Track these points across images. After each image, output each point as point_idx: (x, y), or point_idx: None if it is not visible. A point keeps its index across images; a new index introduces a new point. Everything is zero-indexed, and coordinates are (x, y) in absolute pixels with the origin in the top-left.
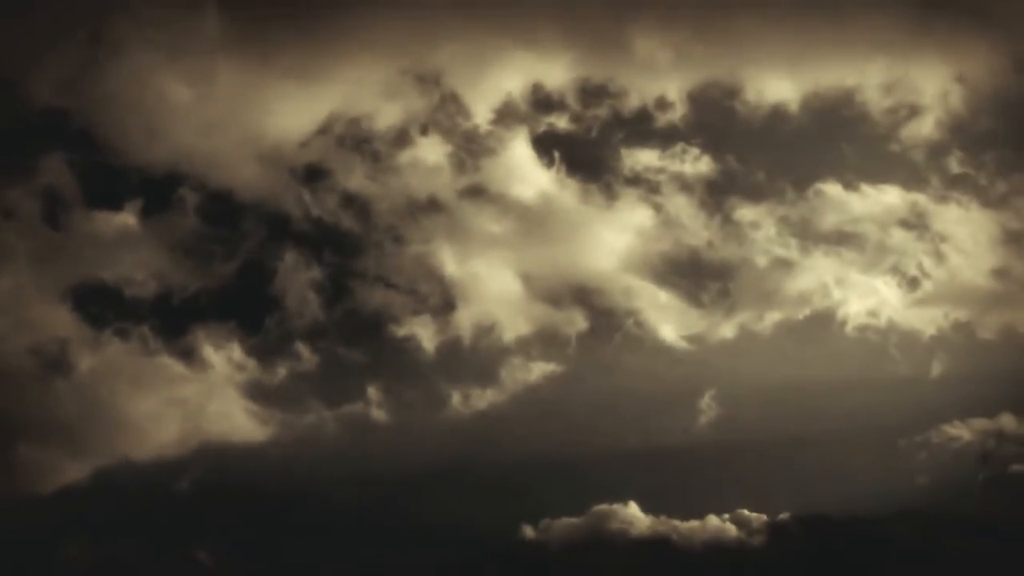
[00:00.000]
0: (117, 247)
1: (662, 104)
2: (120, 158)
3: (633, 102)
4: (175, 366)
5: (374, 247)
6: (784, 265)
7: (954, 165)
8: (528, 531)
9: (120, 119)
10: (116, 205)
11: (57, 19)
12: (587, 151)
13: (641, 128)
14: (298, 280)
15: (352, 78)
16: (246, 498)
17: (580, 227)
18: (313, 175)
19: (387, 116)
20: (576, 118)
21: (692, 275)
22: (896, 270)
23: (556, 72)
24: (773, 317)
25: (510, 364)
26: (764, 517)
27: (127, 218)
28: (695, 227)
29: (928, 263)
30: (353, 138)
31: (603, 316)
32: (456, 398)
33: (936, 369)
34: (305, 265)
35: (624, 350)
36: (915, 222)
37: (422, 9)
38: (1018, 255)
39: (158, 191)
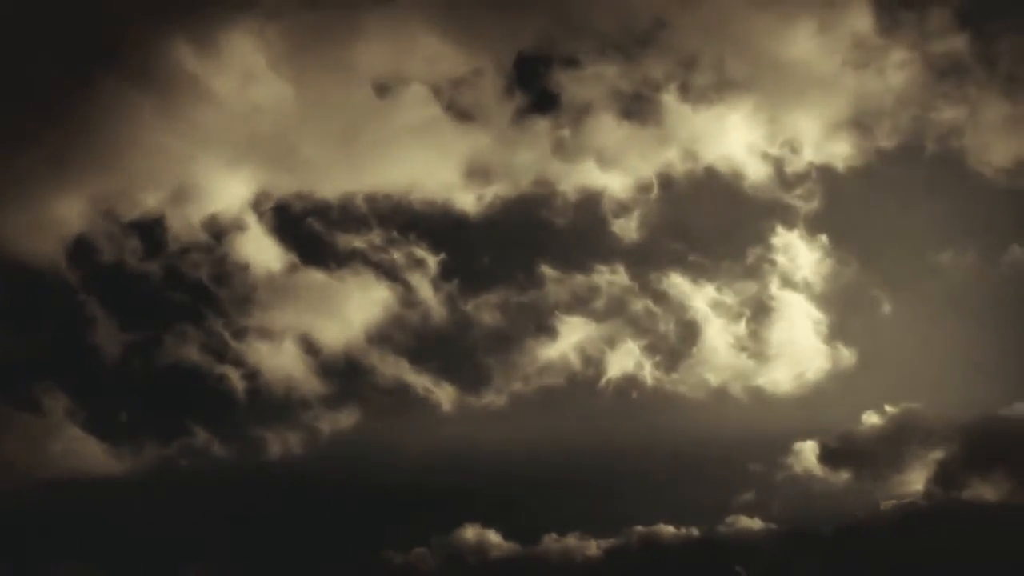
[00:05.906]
0: None
1: (353, 217)
2: None
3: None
4: (16, 415)
5: (165, 315)
6: (534, 338)
7: (675, 248)
8: (392, 556)
9: None
10: None
11: None
12: (307, 234)
13: (345, 222)
14: (112, 340)
15: (109, 165)
16: (108, 521)
17: (330, 302)
18: (85, 250)
19: (141, 203)
20: (300, 209)
21: (448, 349)
22: (647, 337)
23: (249, 180)
24: (538, 382)
25: (314, 414)
26: (611, 539)
27: None
28: (437, 307)
29: (678, 333)
30: (119, 219)
31: (374, 387)
32: (275, 442)
33: (697, 426)
34: (118, 328)
35: (406, 415)
36: (651, 296)
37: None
38: (761, 326)
39: None
